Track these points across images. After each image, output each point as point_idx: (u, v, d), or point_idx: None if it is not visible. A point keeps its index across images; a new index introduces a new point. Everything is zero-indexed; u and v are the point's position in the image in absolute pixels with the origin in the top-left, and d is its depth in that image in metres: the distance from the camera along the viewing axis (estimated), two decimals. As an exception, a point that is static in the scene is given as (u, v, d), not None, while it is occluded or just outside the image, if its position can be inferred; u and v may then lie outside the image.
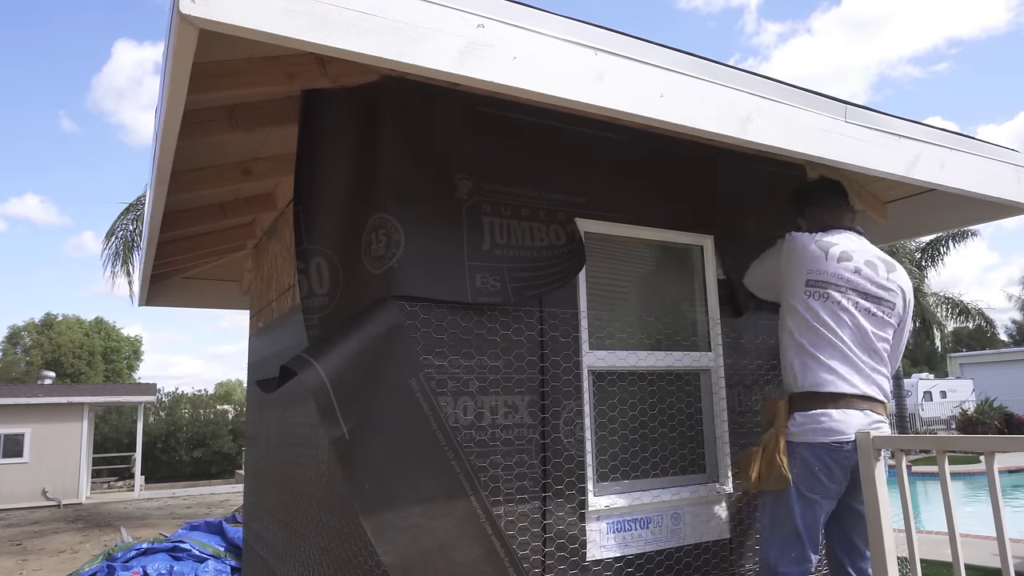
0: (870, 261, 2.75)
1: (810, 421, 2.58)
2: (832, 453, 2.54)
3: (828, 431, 2.54)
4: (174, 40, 1.77)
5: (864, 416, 2.59)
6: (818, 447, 2.55)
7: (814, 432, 2.56)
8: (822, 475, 2.54)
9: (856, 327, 2.64)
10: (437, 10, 1.98)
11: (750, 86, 2.59)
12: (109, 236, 14.07)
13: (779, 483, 2.54)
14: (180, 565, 6.36)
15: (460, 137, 2.59)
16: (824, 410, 2.56)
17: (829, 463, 2.54)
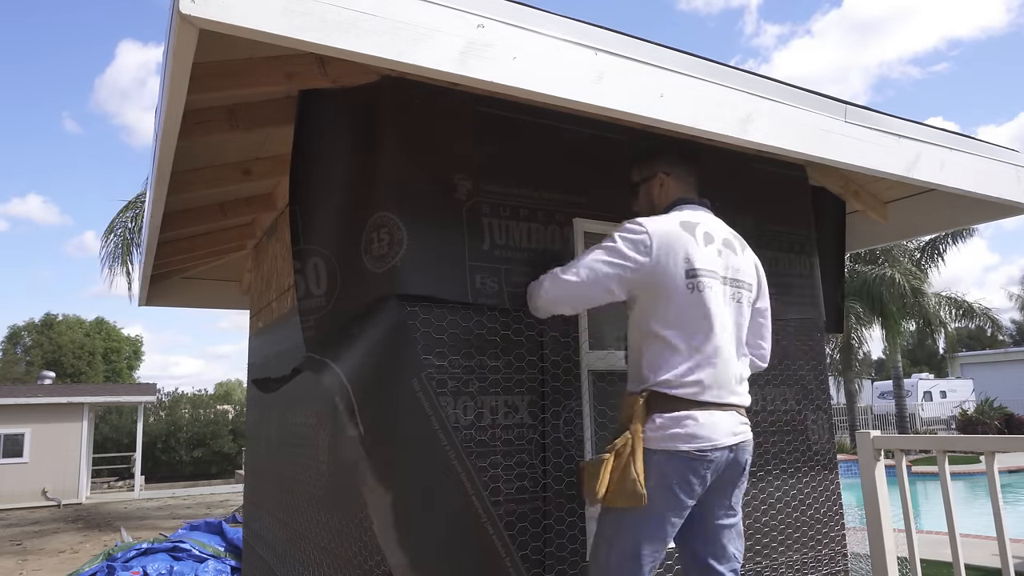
0: (727, 240, 2.39)
1: (671, 424, 2.13)
2: (693, 463, 2.11)
3: (691, 437, 2.11)
4: (174, 40, 1.78)
5: (731, 419, 2.22)
6: (678, 456, 2.11)
7: (675, 438, 2.12)
8: (680, 491, 2.11)
9: (725, 318, 2.27)
10: (437, 10, 1.98)
11: (750, 86, 2.59)
12: (108, 234, 14.06)
13: (631, 500, 2.06)
14: (180, 565, 6.36)
15: (460, 137, 2.59)
16: (688, 412, 2.14)
17: (690, 476, 2.11)
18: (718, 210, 3.24)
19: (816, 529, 3.22)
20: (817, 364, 3.39)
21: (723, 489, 2.23)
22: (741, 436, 2.23)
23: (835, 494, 3.33)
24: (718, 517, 2.24)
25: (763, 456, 3.13)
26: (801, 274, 3.43)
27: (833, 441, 3.39)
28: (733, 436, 2.19)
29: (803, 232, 3.49)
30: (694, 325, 2.19)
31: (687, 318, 2.19)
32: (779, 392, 3.24)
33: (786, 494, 3.16)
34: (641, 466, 2.08)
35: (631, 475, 2.07)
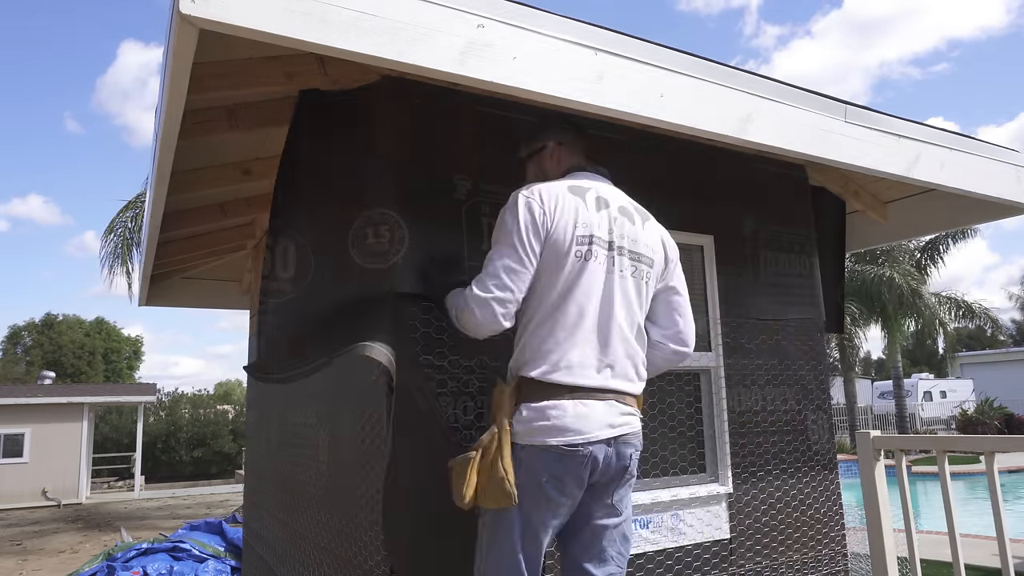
0: (623, 208, 2.15)
1: (538, 416, 1.90)
2: (564, 460, 1.88)
3: (559, 430, 1.89)
4: (174, 40, 1.78)
5: (609, 408, 1.96)
6: (547, 451, 1.89)
7: (542, 431, 1.89)
8: (552, 489, 1.89)
9: (612, 292, 2.01)
10: (437, 10, 1.98)
11: (750, 86, 2.59)
12: (108, 233, 14.05)
13: (501, 500, 1.86)
14: (180, 565, 6.36)
15: (460, 137, 2.59)
16: (556, 401, 1.90)
17: (559, 473, 1.89)
18: (719, 211, 3.25)
19: (816, 529, 3.22)
20: (817, 364, 3.39)
21: (603, 487, 1.98)
22: (622, 428, 1.96)
23: (835, 494, 3.33)
24: (597, 517, 1.99)
25: (763, 456, 3.13)
26: (801, 274, 3.43)
27: (833, 441, 3.39)
28: (611, 429, 1.93)
29: (803, 232, 3.49)
30: (575, 300, 1.96)
31: (570, 291, 1.96)
32: (779, 392, 3.24)
33: (786, 494, 3.16)
34: (509, 463, 1.88)
35: (499, 473, 1.86)
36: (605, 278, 2.01)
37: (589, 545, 2.00)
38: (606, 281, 2.01)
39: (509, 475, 1.86)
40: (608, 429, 1.93)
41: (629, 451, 1.99)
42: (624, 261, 2.05)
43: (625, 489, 2.04)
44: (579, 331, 1.95)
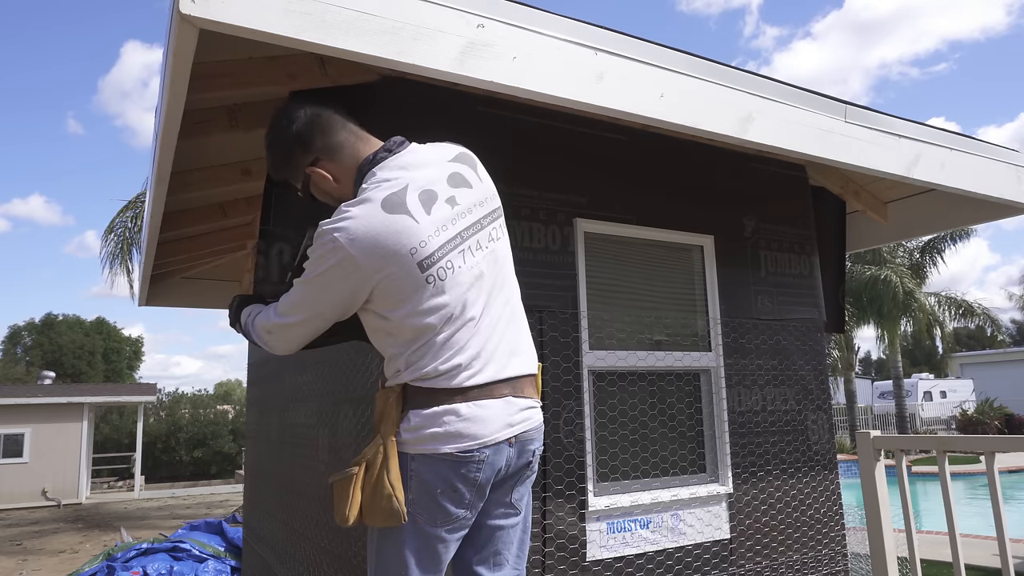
0: (454, 176, 1.82)
1: (428, 423, 1.70)
2: (460, 467, 1.69)
3: (456, 436, 1.70)
4: (174, 40, 1.77)
5: (506, 406, 1.75)
6: (441, 461, 1.69)
7: (435, 439, 1.69)
8: (447, 502, 1.70)
9: (481, 283, 1.78)
10: (437, 10, 1.98)
11: (750, 86, 2.59)
12: (108, 233, 14.05)
13: (389, 519, 1.67)
14: (180, 565, 6.36)
15: (459, 137, 2.59)
16: (451, 405, 1.71)
17: (458, 483, 1.70)
18: (719, 211, 3.24)
19: (816, 529, 3.22)
20: (817, 364, 3.39)
21: (503, 486, 1.80)
22: (523, 425, 1.77)
23: (835, 494, 3.33)
24: (493, 517, 1.81)
25: (763, 456, 3.13)
26: (801, 274, 3.43)
27: (833, 441, 3.39)
28: (509, 428, 1.74)
29: (803, 232, 3.49)
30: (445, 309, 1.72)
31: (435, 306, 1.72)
32: (779, 392, 3.24)
33: (786, 494, 3.16)
34: (397, 478, 1.69)
35: (384, 490, 1.67)
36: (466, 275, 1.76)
37: (483, 547, 1.81)
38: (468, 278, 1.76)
39: (396, 491, 1.67)
40: (507, 429, 1.74)
41: (532, 448, 1.81)
42: (473, 240, 1.78)
43: (525, 487, 1.85)
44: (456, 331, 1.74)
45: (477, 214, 1.80)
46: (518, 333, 1.85)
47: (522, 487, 1.84)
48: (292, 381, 3.78)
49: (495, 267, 1.82)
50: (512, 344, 1.81)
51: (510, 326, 1.82)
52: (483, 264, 1.78)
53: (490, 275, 1.80)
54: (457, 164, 1.84)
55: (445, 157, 1.85)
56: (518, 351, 1.82)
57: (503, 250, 1.86)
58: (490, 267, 1.80)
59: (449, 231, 1.74)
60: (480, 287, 1.77)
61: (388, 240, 1.68)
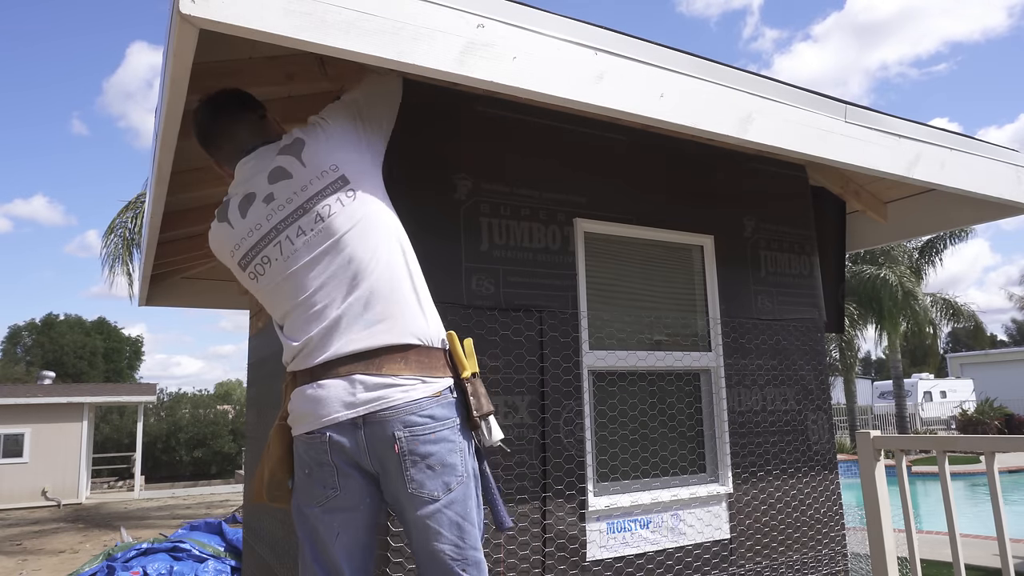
0: (276, 169, 1.87)
1: (292, 407, 1.81)
2: (311, 449, 1.75)
3: (301, 418, 1.77)
4: (174, 40, 1.77)
5: (347, 386, 1.71)
6: (299, 441, 1.80)
7: (295, 422, 1.81)
8: (314, 480, 1.77)
9: (309, 263, 1.80)
10: (437, 10, 1.98)
11: (750, 86, 2.59)
12: (108, 234, 14.05)
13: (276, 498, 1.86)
14: (180, 565, 6.36)
15: (459, 137, 2.59)
16: (299, 388, 1.79)
17: (309, 462, 1.76)
18: (719, 211, 3.24)
19: (816, 529, 3.22)
20: (817, 364, 3.39)
21: (391, 473, 1.72)
22: (372, 405, 1.70)
23: (835, 494, 3.33)
24: (407, 510, 1.74)
25: (763, 456, 3.13)
26: (801, 274, 3.43)
27: (833, 441, 3.39)
28: (348, 409, 1.70)
29: (803, 232, 3.49)
30: (274, 298, 1.89)
31: (266, 298, 1.93)
32: (779, 392, 3.24)
33: (786, 494, 3.16)
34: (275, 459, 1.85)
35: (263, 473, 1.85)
36: (282, 268, 1.84)
37: (415, 543, 1.76)
38: (284, 270, 1.83)
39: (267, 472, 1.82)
40: (344, 410, 1.70)
41: (391, 430, 1.69)
42: (293, 228, 1.82)
43: (419, 471, 1.70)
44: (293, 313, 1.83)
45: (297, 201, 1.82)
46: (382, 308, 1.77)
47: (414, 471, 1.70)
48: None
49: (333, 245, 1.79)
50: (369, 319, 1.75)
51: (367, 302, 1.76)
52: (309, 248, 1.80)
53: (325, 256, 1.79)
54: (282, 156, 1.88)
55: (272, 152, 1.90)
56: (376, 325, 1.75)
57: (343, 224, 1.80)
58: (323, 247, 1.79)
59: (263, 228, 1.85)
60: (309, 271, 1.79)
61: (217, 247, 1.99)
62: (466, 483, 1.75)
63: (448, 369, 1.80)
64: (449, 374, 1.79)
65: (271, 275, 1.85)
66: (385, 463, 1.71)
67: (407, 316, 1.78)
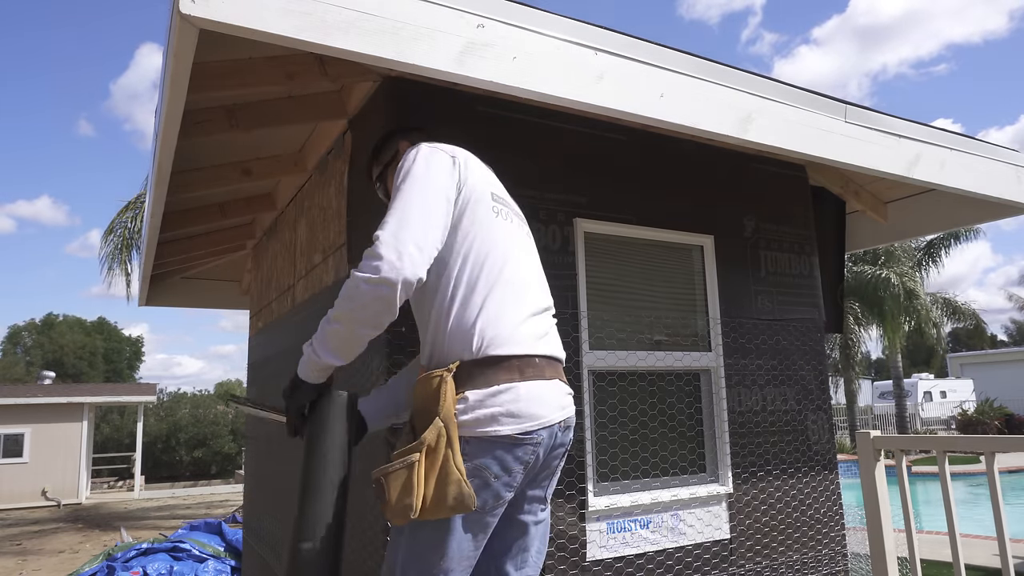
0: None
1: (490, 403, 1.60)
2: (517, 450, 1.61)
3: (517, 417, 1.60)
4: (174, 40, 1.78)
5: (556, 388, 1.70)
6: (499, 443, 1.59)
7: (495, 419, 1.59)
8: (500, 486, 1.60)
9: (529, 253, 1.82)
10: (437, 10, 1.98)
11: (750, 86, 2.59)
12: (108, 234, 14.06)
13: (457, 507, 1.54)
14: (180, 565, 6.36)
15: (459, 137, 2.59)
16: (511, 384, 1.62)
17: (512, 465, 1.61)
18: (719, 210, 3.25)
19: (816, 529, 3.22)
20: (817, 364, 3.39)
21: (538, 478, 1.70)
22: (568, 410, 1.71)
23: (835, 494, 3.33)
24: (524, 512, 1.70)
25: (763, 456, 3.13)
26: (801, 274, 3.43)
27: (833, 441, 3.39)
28: (561, 410, 1.68)
29: (803, 232, 3.49)
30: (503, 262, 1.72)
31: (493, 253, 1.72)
32: (779, 392, 3.24)
33: (786, 494, 3.16)
34: (461, 462, 1.56)
35: (453, 475, 1.53)
36: (515, 234, 1.79)
37: (512, 543, 1.70)
38: (516, 237, 1.78)
39: (464, 475, 1.55)
40: (559, 411, 1.69)
41: (569, 436, 1.74)
42: (510, 214, 1.83)
43: (555, 480, 1.78)
44: (516, 299, 1.69)
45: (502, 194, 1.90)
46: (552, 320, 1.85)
47: (553, 480, 1.76)
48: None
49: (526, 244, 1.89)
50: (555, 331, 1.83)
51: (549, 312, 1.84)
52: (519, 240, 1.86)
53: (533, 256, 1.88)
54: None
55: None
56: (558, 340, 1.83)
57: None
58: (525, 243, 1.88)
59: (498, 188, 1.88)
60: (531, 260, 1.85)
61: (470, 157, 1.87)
62: None
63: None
64: None
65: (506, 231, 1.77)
66: (542, 468, 1.70)
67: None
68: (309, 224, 3.48)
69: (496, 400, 1.60)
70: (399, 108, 2.49)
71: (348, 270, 2.77)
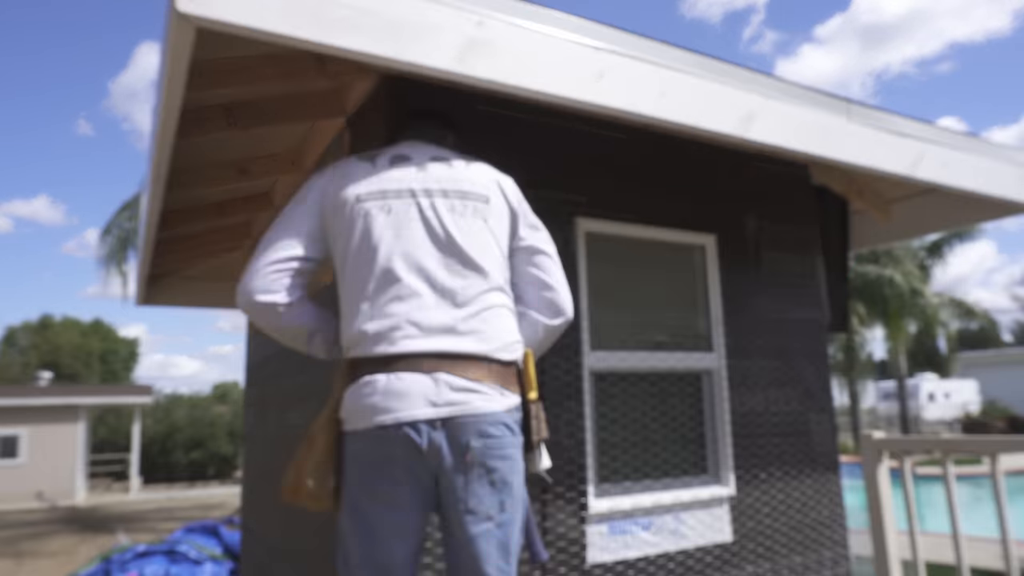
0: (436, 156, 1.88)
1: (353, 396, 1.64)
2: (381, 445, 1.60)
3: (370, 410, 1.60)
4: (171, 38, 1.75)
5: (431, 382, 1.61)
6: (359, 436, 1.63)
7: (357, 413, 1.63)
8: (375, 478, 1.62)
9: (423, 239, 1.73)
10: (436, 8, 1.96)
11: (752, 84, 2.57)
12: (105, 234, 14.04)
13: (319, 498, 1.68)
14: (177, 568, 6.33)
15: (459, 137, 2.57)
16: (372, 376, 1.63)
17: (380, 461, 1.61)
18: (721, 210, 3.22)
19: (819, 532, 3.20)
20: (820, 365, 3.37)
21: (452, 484, 1.61)
22: (453, 408, 1.60)
23: (838, 496, 3.31)
24: (455, 524, 1.63)
25: (766, 458, 3.11)
26: (804, 274, 3.41)
27: (836, 443, 3.37)
28: (432, 407, 1.59)
29: (806, 231, 3.47)
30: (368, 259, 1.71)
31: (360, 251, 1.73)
32: (782, 393, 3.22)
33: (789, 496, 3.14)
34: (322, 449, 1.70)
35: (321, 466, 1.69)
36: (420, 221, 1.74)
37: (459, 561, 1.63)
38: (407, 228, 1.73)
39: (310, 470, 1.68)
40: (428, 408, 1.59)
41: (466, 439, 1.60)
42: (439, 202, 1.77)
43: (481, 486, 1.62)
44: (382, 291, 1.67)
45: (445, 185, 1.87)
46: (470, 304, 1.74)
47: (476, 486, 1.61)
48: (290, 382, 3.75)
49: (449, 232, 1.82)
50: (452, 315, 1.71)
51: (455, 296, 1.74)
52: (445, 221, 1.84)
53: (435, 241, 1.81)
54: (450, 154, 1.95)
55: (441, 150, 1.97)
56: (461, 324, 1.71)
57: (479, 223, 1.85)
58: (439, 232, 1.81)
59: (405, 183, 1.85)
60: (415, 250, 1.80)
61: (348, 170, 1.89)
62: (516, 506, 1.67)
63: (519, 387, 1.74)
64: (519, 391, 1.73)
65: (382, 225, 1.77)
66: (448, 471, 1.61)
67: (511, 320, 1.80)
68: (307, 224, 3.45)
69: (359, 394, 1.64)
70: (398, 107, 2.46)
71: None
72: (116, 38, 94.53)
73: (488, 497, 1.62)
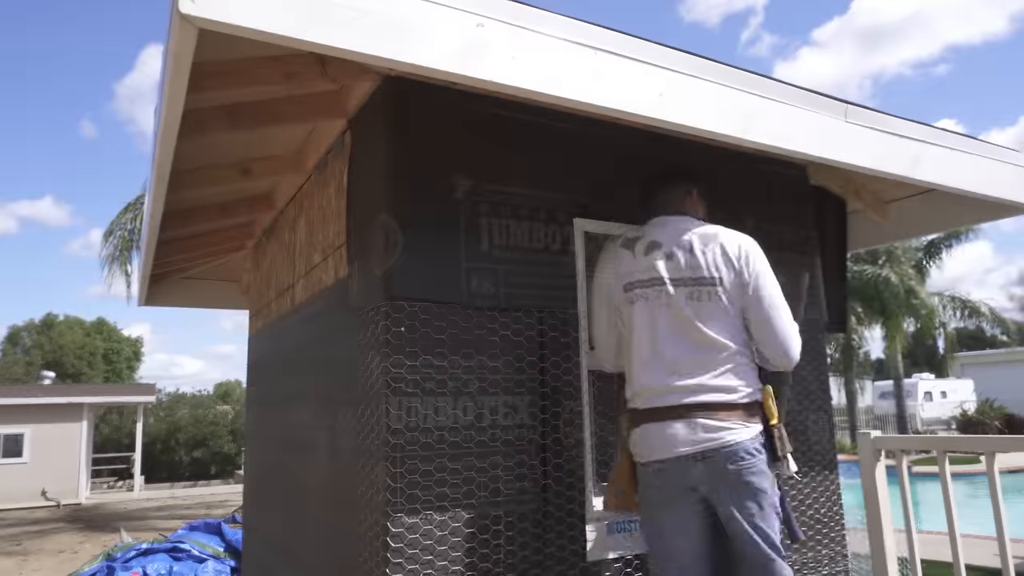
0: (680, 242, 2.43)
1: (635, 439, 2.39)
2: (647, 475, 2.36)
3: (647, 450, 2.33)
4: (173, 40, 1.77)
5: (667, 429, 2.27)
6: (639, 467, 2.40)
7: (637, 453, 2.39)
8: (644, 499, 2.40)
9: (661, 322, 2.35)
10: (436, 9, 1.98)
11: (750, 85, 2.58)
12: (108, 235, 14.08)
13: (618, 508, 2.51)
14: (180, 565, 6.37)
15: (459, 137, 2.59)
16: (640, 428, 2.36)
17: (645, 488, 2.38)
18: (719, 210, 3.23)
19: (816, 530, 3.21)
20: (818, 364, 3.38)
21: (718, 495, 2.26)
22: (704, 444, 2.22)
23: (835, 494, 3.32)
24: (725, 522, 2.27)
25: (763, 456, 3.12)
26: (802, 274, 3.42)
27: (833, 441, 3.38)
28: (684, 447, 2.23)
29: (804, 232, 3.48)
30: (633, 337, 2.39)
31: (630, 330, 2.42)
32: (779, 392, 3.22)
33: (786, 494, 3.15)
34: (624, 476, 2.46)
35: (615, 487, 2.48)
36: (661, 310, 2.34)
37: (737, 547, 2.26)
38: (661, 313, 2.34)
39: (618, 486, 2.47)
40: (675, 448, 2.24)
41: (722, 464, 2.21)
42: (679, 290, 2.33)
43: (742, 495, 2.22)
44: (639, 362, 2.36)
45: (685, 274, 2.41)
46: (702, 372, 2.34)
47: (735, 494, 2.22)
48: (292, 382, 3.77)
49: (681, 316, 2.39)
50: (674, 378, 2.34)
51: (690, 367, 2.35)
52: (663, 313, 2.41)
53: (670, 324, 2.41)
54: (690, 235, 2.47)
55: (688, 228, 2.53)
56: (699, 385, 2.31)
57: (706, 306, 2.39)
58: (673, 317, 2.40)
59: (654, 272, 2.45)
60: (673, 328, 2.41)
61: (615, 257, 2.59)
62: (772, 503, 2.27)
63: (760, 417, 2.32)
64: (760, 421, 2.31)
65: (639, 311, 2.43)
66: (713, 489, 2.24)
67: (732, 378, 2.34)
68: (308, 224, 3.47)
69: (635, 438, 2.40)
70: (398, 107, 2.48)
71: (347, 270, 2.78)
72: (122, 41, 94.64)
73: (748, 501, 2.23)
